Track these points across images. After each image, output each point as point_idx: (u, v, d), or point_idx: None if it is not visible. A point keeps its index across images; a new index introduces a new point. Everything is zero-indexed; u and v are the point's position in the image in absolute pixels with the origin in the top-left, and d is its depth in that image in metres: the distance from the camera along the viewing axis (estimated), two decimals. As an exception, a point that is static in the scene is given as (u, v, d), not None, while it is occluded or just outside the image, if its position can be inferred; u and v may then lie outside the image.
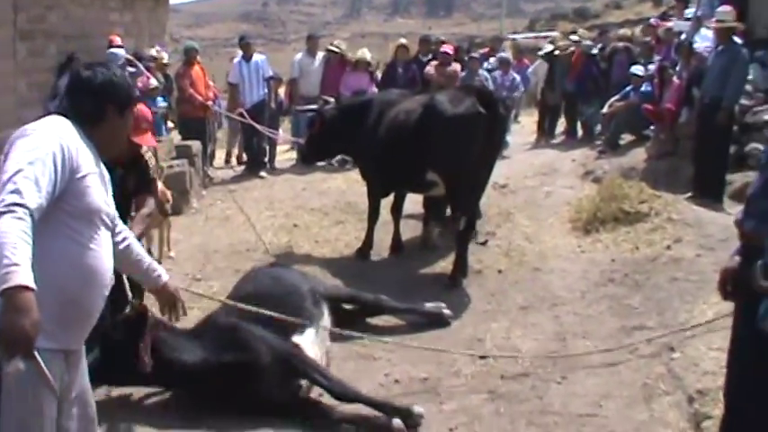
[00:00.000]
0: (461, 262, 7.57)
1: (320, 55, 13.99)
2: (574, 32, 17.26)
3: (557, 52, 15.35)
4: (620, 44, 14.97)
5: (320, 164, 11.73)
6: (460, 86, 10.82)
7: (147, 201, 6.02)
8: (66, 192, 3.01)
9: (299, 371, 5.02)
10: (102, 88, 3.27)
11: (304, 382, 5.06)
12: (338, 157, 11.76)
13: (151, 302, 4.36)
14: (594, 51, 14.91)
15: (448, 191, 7.62)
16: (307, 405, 5.07)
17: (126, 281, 4.42)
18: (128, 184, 5.95)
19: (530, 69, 16.62)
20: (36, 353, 2.73)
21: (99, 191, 3.17)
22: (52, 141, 2.97)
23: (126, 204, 6.13)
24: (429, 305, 6.54)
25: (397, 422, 4.78)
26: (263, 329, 5.05)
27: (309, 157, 10.13)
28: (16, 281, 2.59)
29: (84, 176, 3.06)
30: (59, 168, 2.93)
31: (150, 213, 6.13)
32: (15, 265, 2.60)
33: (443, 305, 6.56)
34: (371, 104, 8.46)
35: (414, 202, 8.80)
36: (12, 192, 2.72)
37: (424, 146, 7.44)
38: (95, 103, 3.25)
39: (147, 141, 5.93)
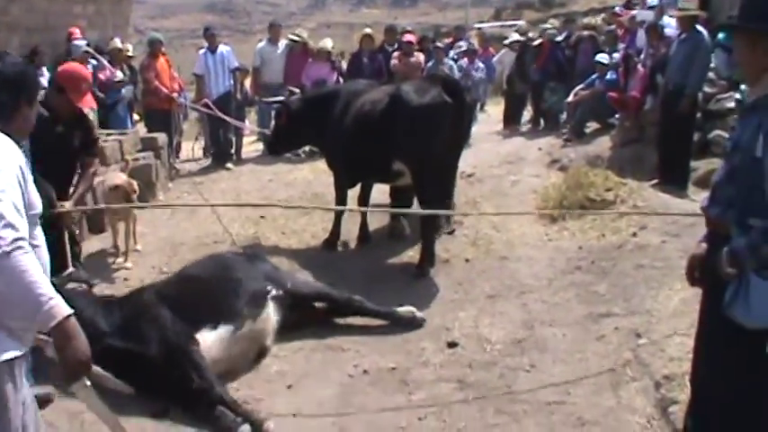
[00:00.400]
0: (428, 252, 7.55)
1: (283, 43, 13.96)
2: (543, 22, 17.37)
3: (528, 42, 15.44)
4: (585, 33, 15.04)
5: (287, 155, 11.67)
6: (426, 76, 10.84)
7: (93, 160, 6.22)
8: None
9: (180, 364, 5.04)
10: (15, 81, 3.21)
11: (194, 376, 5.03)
12: (306, 147, 11.71)
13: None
14: (559, 39, 14.98)
15: (414, 180, 7.60)
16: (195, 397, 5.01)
17: None
18: (72, 142, 6.10)
19: (495, 58, 16.68)
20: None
21: (34, 188, 3.14)
22: (10, 159, 2.95)
23: (72, 162, 6.26)
24: (401, 309, 6.33)
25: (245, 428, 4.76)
26: (173, 316, 5.24)
27: (276, 148, 9.96)
28: (62, 313, 2.75)
29: (27, 182, 3.03)
30: (22, 185, 2.96)
31: (95, 172, 6.30)
32: (52, 299, 2.74)
33: (414, 309, 6.37)
34: (338, 95, 8.43)
35: (381, 192, 8.77)
36: (6, 227, 2.73)
37: (390, 136, 7.43)
38: (10, 97, 3.19)
39: (87, 103, 6.09)
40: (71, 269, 5.41)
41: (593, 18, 18.29)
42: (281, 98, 9.43)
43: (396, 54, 13.04)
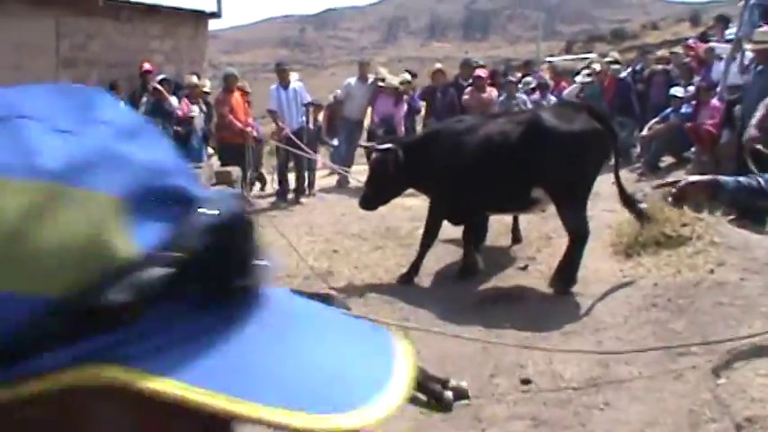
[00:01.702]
0: (568, 270, 7.68)
1: (370, 81, 14.09)
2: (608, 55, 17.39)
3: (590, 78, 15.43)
4: (659, 66, 14.94)
5: (358, 185, 11.76)
6: (560, 103, 10.98)
7: None
8: None
9: None
10: None
11: None
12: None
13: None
14: (623, 75, 14.93)
15: (560, 207, 7.75)
16: None
17: None
18: None
19: (565, 92, 16.62)
20: None
21: None
22: None
23: None
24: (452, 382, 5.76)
25: None
26: None
27: (375, 203, 9.01)
28: None
29: None
30: None
31: None
32: None
33: (464, 383, 5.81)
34: (447, 132, 8.39)
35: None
36: None
37: (531, 163, 7.52)
38: None
39: None
40: None
41: (667, 51, 18.05)
42: (388, 145, 8.62)
43: (468, 90, 13.09)
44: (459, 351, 6.50)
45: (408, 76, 14.47)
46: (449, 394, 5.48)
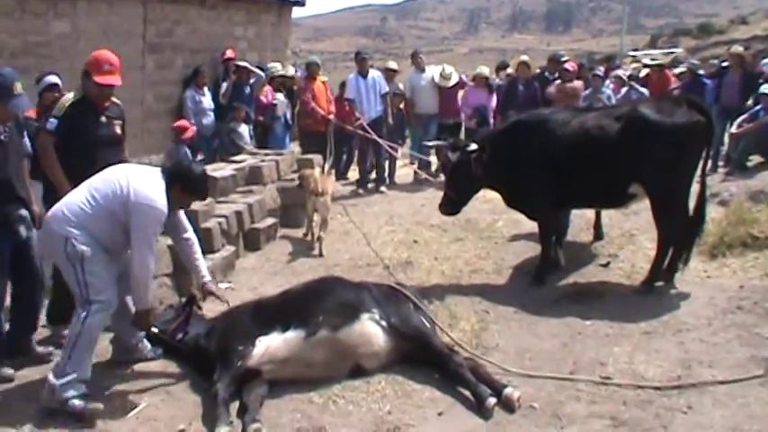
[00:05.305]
0: (658, 266, 7.63)
1: (430, 72, 14.07)
2: (701, 50, 17.03)
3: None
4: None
5: (439, 179, 11.75)
6: (660, 97, 10.81)
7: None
8: None
9: (220, 359, 5.65)
10: None
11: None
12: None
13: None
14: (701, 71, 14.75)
15: (655, 203, 7.58)
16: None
17: None
18: (115, 130, 6.54)
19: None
20: None
21: None
22: None
23: (122, 152, 6.65)
24: (507, 391, 5.51)
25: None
26: (248, 321, 5.89)
27: (458, 206, 8.58)
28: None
29: None
30: None
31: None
32: None
33: (517, 393, 5.50)
34: (535, 126, 8.07)
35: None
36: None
37: (629, 159, 7.41)
38: None
39: (111, 81, 6.31)
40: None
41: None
42: (474, 146, 8.17)
43: (556, 82, 12.97)
44: (538, 346, 6.48)
45: (486, 70, 14.34)
46: (491, 401, 5.38)
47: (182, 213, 5.90)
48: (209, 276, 6.01)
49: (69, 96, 6.37)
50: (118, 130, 6.53)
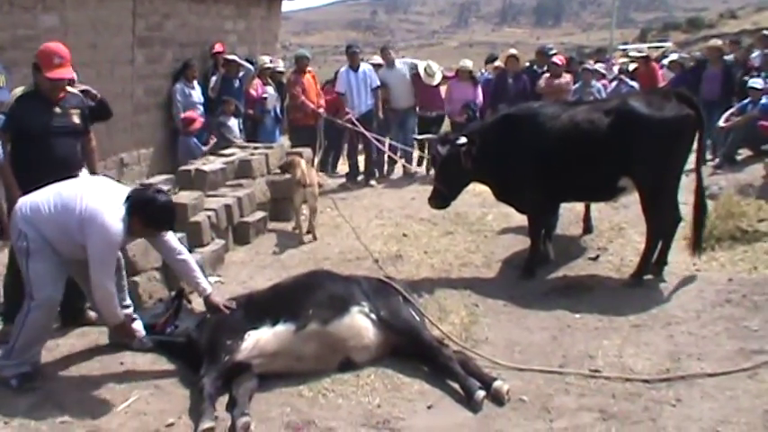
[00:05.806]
0: (646, 261, 7.67)
1: (399, 66, 13.94)
2: (690, 44, 17.08)
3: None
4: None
5: (430, 173, 11.74)
6: (650, 90, 10.79)
7: (89, 136, 6.71)
8: None
9: (208, 351, 5.66)
10: None
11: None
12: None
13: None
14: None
15: (645, 196, 7.60)
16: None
17: None
18: (71, 120, 6.48)
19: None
20: None
21: None
22: None
23: (79, 142, 6.61)
24: (496, 384, 5.49)
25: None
26: (238, 315, 5.85)
27: (448, 200, 8.56)
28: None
29: None
30: None
31: (94, 147, 6.81)
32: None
33: (506, 386, 5.50)
34: (525, 119, 8.03)
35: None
36: None
37: (619, 152, 7.41)
38: None
39: (62, 74, 6.28)
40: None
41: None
42: (463, 140, 8.05)
43: (545, 76, 12.97)
44: (528, 339, 6.49)
45: (470, 64, 14.25)
46: (480, 394, 5.37)
47: (171, 236, 5.89)
48: (210, 289, 5.97)
49: (17, 91, 6.37)
50: (76, 120, 6.47)
